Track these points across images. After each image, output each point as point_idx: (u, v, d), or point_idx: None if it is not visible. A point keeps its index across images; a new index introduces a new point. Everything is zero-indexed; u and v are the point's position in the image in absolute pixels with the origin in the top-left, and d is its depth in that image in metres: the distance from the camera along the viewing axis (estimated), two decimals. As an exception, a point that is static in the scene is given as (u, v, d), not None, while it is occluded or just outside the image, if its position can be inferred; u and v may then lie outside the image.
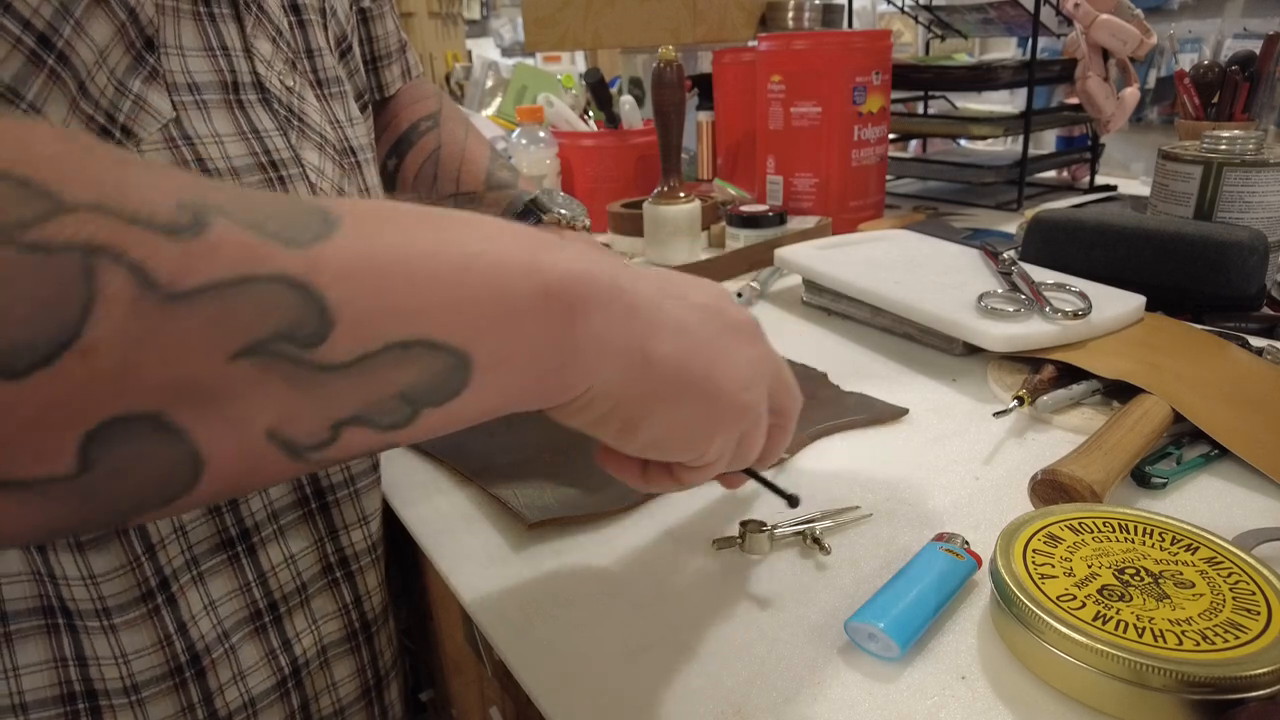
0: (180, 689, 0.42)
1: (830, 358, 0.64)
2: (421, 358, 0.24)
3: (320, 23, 0.48)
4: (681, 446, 0.32)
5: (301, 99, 0.45)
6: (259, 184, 0.41)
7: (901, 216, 1.04)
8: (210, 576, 0.42)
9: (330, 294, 0.22)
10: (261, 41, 0.42)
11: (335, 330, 0.22)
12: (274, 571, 0.44)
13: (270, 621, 0.45)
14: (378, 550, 0.48)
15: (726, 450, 0.33)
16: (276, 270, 0.21)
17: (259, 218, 0.22)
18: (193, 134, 0.38)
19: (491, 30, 4.98)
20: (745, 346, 0.33)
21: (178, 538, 0.40)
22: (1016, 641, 0.33)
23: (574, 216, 0.62)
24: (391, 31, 0.66)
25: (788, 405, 0.37)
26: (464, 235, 0.26)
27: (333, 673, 0.48)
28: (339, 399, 0.24)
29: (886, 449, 0.51)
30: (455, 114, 0.71)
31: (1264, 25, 2.43)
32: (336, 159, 0.47)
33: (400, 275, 0.24)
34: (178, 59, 0.38)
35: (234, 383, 0.21)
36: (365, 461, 0.47)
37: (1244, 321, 0.64)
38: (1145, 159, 2.21)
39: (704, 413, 0.31)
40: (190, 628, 0.41)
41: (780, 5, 1.24)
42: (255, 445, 0.23)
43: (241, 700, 0.44)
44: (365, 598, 0.48)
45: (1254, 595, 0.32)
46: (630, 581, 0.40)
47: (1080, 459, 0.43)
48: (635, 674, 0.34)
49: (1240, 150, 0.70)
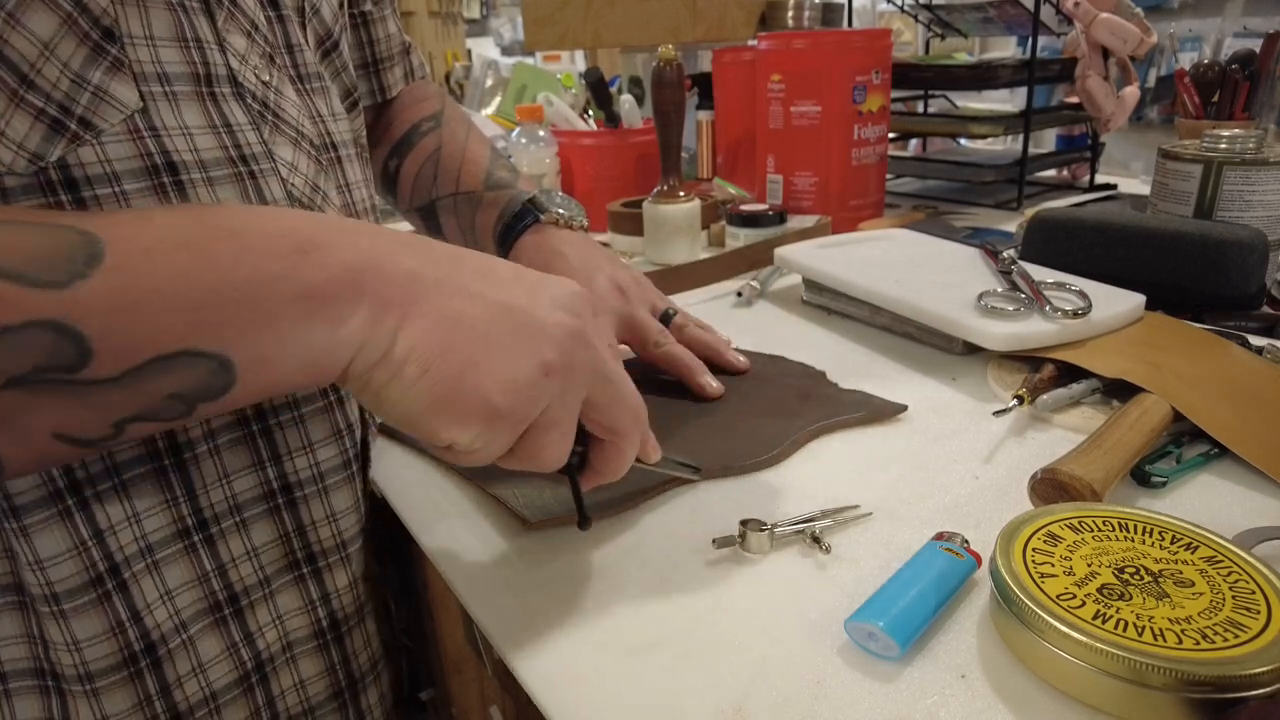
0: (136, 679, 0.41)
1: (830, 357, 0.64)
2: (186, 365, 0.29)
3: (299, 20, 0.48)
4: (423, 432, 0.33)
5: (279, 94, 0.44)
6: (229, 177, 0.40)
7: (901, 216, 1.04)
8: (166, 565, 0.41)
9: (88, 329, 0.27)
10: (235, 36, 0.42)
11: (95, 357, 0.27)
12: (234, 564, 0.43)
13: (231, 614, 0.44)
14: (349, 549, 0.48)
15: (487, 444, 0.34)
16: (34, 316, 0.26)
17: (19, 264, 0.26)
18: (160, 126, 0.38)
19: (491, 29, 4.98)
20: (532, 351, 0.34)
21: (130, 524, 0.40)
22: (1016, 640, 0.33)
23: (571, 216, 0.63)
24: (393, 34, 0.66)
25: (619, 424, 0.38)
26: (221, 253, 0.30)
27: (299, 670, 0.48)
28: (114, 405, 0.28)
29: (886, 448, 0.51)
30: (457, 115, 0.71)
31: (1264, 24, 2.43)
32: (314, 154, 0.46)
33: (155, 303, 0.28)
34: (146, 48, 0.37)
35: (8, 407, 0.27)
36: (336, 459, 0.46)
37: (1244, 320, 0.64)
38: (1145, 158, 2.21)
39: (443, 405, 0.33)
40: (145, 616, 0.41)
41: (780, 4, 1.24)
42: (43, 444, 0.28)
43: (203, 694, 0.43)
44: (334, 595, 0.48)
45: (1254, 594, 0.32)
46: (630, 581, 0.40)
47: (1080, 458, 0.43)
48: (635, 674, 0.34)
49: (1240, 149, 0.70)
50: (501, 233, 0.63)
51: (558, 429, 0.35)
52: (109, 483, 0.39)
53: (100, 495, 0.39)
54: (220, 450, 0.42)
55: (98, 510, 0.39)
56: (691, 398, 0.57)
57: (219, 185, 0.40)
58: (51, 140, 0.35)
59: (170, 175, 0.38)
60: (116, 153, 0.36)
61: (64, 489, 0.38)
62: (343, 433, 0.47)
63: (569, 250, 0.60)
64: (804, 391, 0.58)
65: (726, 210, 0.95)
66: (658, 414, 0.55)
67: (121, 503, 0.39)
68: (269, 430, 0.43)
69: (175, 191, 0.38)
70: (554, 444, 0.35)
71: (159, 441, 0.40)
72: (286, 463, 0.44)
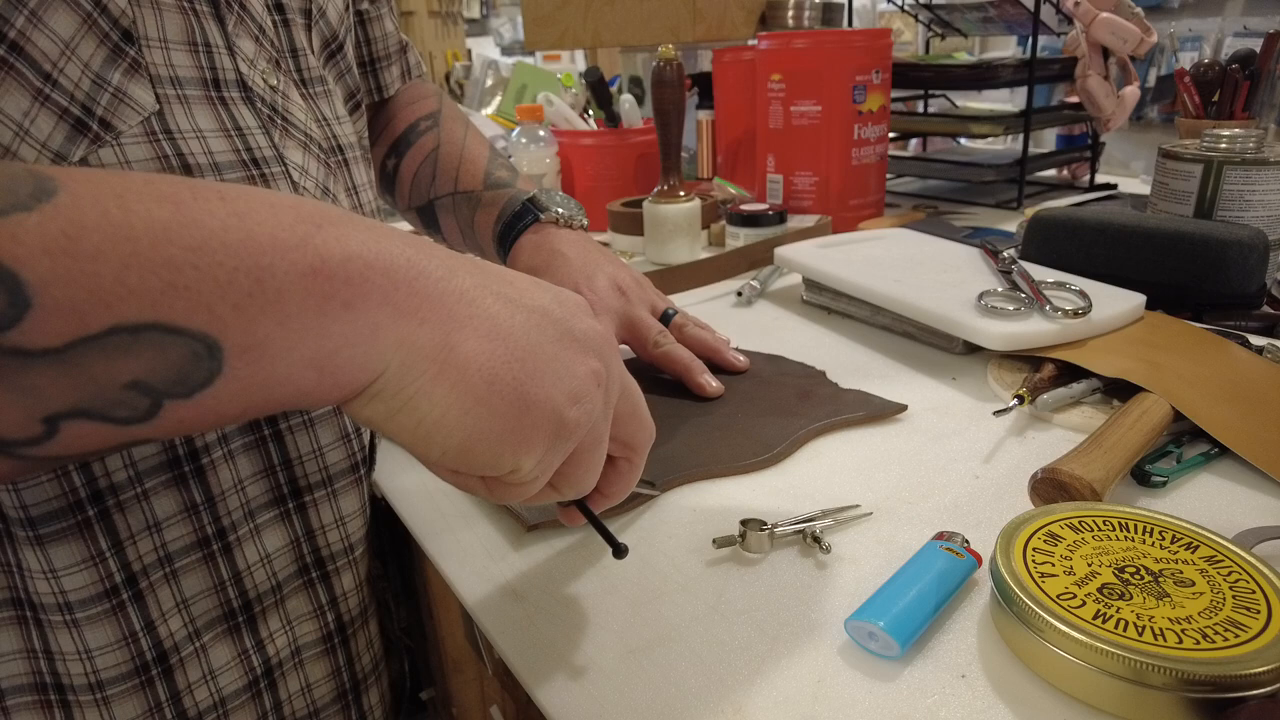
0: (147, 687, 0.41)
1: (830, 356, 0.64)
2: (155, 343, 0.22)
3: (304, 24, 0.48)
4: (486, 459, 0.28)
5: (286, 97, 0.44)
6: (240, 181, 0.40)
7: (901, 215, 1.04)
8: (184, 574, 0.41)
9: (27, 271, 0.20)
10: (244, 40, 0.42)
11: (33, 312, 0.20)
12: (249, 571, 0.43)
13: (244, 621, 0.44)
14: (356, 552, 0.48)
15: (545, 469, 0.30)
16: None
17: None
18: (174, 128, 0.38)
19: (491, 29, 4.99)
20: (582, 359, 0.30)
21: (150, 534, 0.39)
22: (1016, 640, 0.33)
23: (571, 215, 0.63)
24: (390, 33, 0.66)
25: (637, 439, 0.35)
26: (209, 210, 0.23)
27: (307, 674, 0.48)
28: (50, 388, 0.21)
29: (886, 447, 0.51)
30: (455, 114, 0.71)
31: (1264, 23, 2.43)
32: (322, 157, 0.46)
33: (123, 253, 0.21)
34: (160, 51, 0.37)
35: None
36: (345, 463, 0.46)
37: (1244, 320, 0.64)
38: (1145, 157, 2.21)
39: (514, 424, 0.28)
40: (159, 625, 0.41)
41: (780, 4, 1.24)
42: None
43: (212, 700, 0.43)
44: (342, 599, 0.48)
45: (1254, 594, 0.32)
46: (630, 581, 0.40)
47: (1080, 457, 0.43)
48: (635, 673, 0.34)
49: (1240, 149, 0.70)
50: (501, 232, 0.63)
51: (601, 446, 0.32)
52: (131, 491, 0.39)
53: (123, 504, 0.39)
54: (234, 455, 0.42)
55: (119, 519, 0.39)
56: (691, 397, 0.57)
57: None
58: (74, 140, 0.35)
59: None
60: (135, 154, 0.36)
61: (85, 499, 0.38)
62: (350, 436, 0.47)
63: (569, 250, 0.60)
64: (804, 391, 0.57)
65: (726, 210, 0.95)
66: (658, 414, 0.55)
67: (143, 511, 0.39)
68: (280, 435, 0.43)
69: None
70: (597, 463, 0.32)
71: (179, 447, 0.40)
72: (297, 467, 0.44)
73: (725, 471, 0.48)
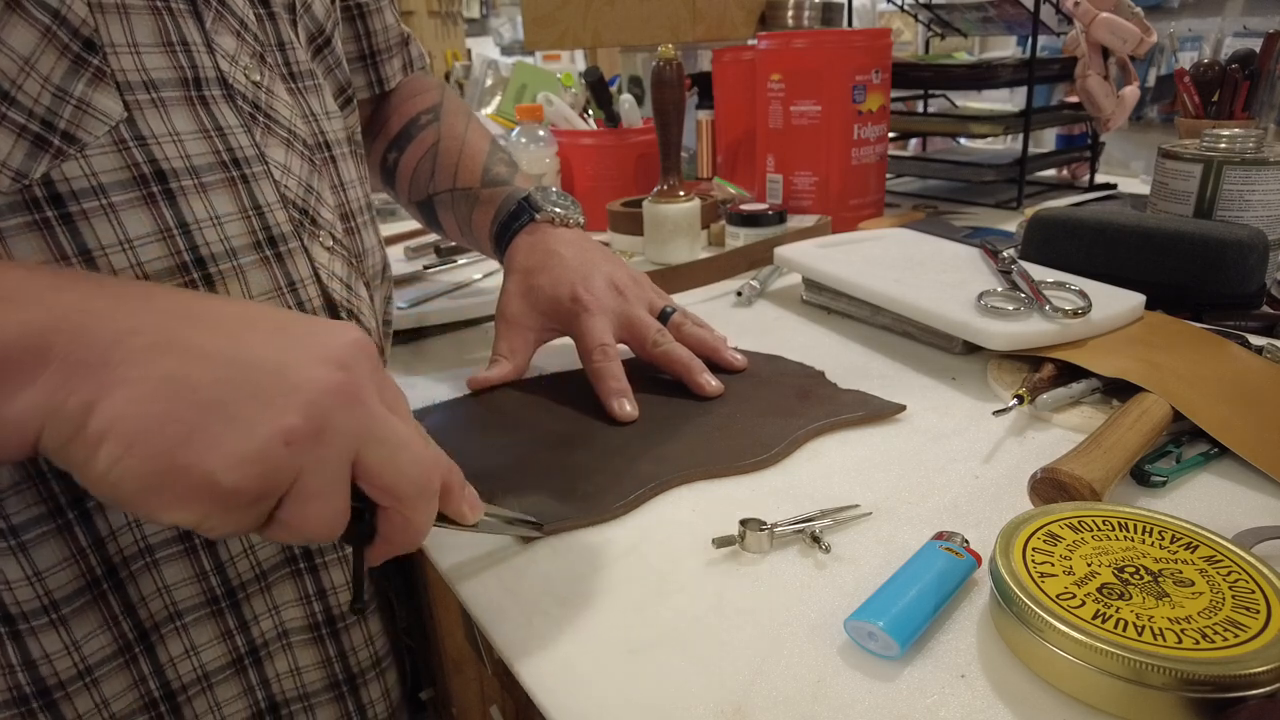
0: (132, 664, 0.42)
1: (830, 356, 0.64)
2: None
3: (289, 17, 0.48)
4: (146, 515, 0.29)
5: (270, 93, 0.44)
6: (221, 182, 0.40)
7: (901, 215, 1.04)
8: (165, 564, 0.42)
9: None
10: (224, 36, 0.41)
11: None
12: (232, 561, 0.44)
13: (227, 606, 0.45)
14: (346, 548, 0.48)
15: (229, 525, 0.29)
16: None
17: None
18: (147, 134, 0.37)
19: (491, 29, 4.99)
20: (271, 419, 0.29)
21: (130, 529, 0.40)
22: (1016, 640, 0.33)
23: (568, 214, 0.62)
24: (391, 25, 0.65)
25: (399, 489, 0.32)
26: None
27: (295, 656, 0.48)
28: None
29: (886, 447, 0.51)
30: (457, 107, 0.70)
31: (1264, 23, 2.43)
32: (307, 155, 0.46)
33: None
34: (130, 56, 0.37)
35: None
36: None
37: (1243, 320, 0.64)
38: (1145, 157, 2.21)
39: (157, 484, 0.28)
40: (139, 608, 0.42)
41: (780, 4, 1.24)
42: None
43: (195, 674, 0.44)
44: (330, 593, 0.48)
45: (1253, 594, 0.32)
46: (630, 581, 0.40)
47: (1080, 457, 0.43)
48: (635, 673, 0.34)
49: (1240, 149, 0.70)
50: (497, 232, 0.63)
51: (319, 499, 0.30)
52: None
53: (102, 505, 0.39)
54: None
55: (98, 519, 0.39)
56: (691, 397, 0.57)
57: (211, 191, 0.40)
58: (35, 157, 0.34)
59: (159, 184, 0.38)
60: (102, 165, 0.36)
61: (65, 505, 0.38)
62: None
63: (565, 250, 0.60)
64: (803, 391, 0.57)
65: (726, 210, 0.95)
66: (657, 414, 0.55)
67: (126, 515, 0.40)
68: None
69: (165, 200, 0.38)
70: (318, 515, 0.30)
71: None
72: None
73: (725, 471, 0.48)
